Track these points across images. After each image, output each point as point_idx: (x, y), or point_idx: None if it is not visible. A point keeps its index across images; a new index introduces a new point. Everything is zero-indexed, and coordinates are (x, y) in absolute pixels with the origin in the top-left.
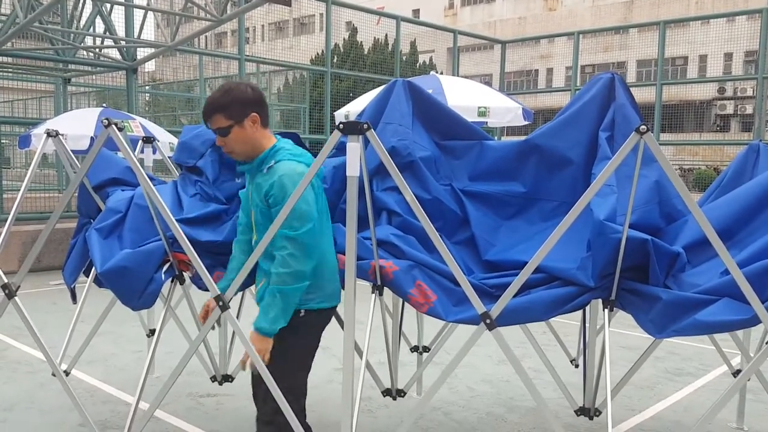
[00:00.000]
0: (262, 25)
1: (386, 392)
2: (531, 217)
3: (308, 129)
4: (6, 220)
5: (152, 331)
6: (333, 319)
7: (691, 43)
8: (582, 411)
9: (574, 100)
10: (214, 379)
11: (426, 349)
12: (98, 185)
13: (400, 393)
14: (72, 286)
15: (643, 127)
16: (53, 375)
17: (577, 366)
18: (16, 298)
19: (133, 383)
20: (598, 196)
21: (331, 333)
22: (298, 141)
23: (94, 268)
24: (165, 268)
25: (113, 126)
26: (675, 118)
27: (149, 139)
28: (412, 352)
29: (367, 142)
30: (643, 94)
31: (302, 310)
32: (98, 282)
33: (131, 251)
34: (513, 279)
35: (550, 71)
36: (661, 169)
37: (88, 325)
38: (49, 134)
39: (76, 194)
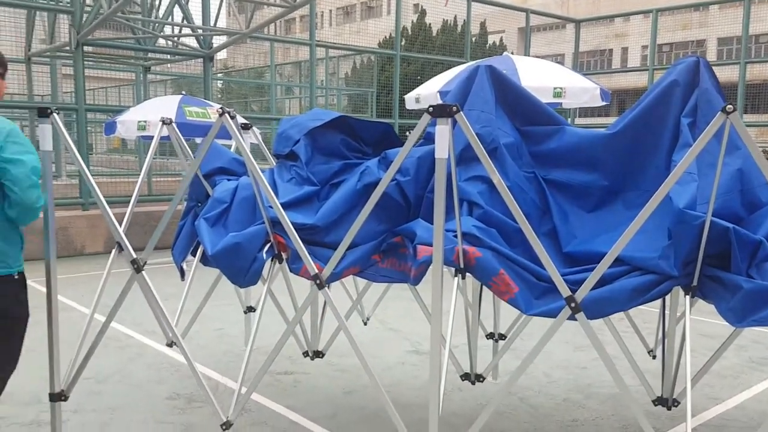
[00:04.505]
0: (330, 10)
1: (465, 376)
2: (614, 207)
3: (376, 113)
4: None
5: (249, 308)
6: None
7: None
8: (660, 401)
9: (655, 86)
10: (306, 354)
11: (502, 336)
12: (207, 173)
13: (479, 378)
14: (181, 264)
15: (729, 107)
16: (168, 345)
17: (654, 357)
18: (143, 272)
19: (214, 359)
20: (678, 183)
21: (401, 316)
22: (391, 132)
23: (201, 248)
24: (266, 248)
25: (227, 115)
26: (759, 98)
27: (247, 126)
28: (488, 339)
29: (454, 124)
30: (724, 74)
31: (16, 273)
32: (204, 261)
33: (238, 233)
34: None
35: (625, 51)
36: (744, 157)
37: (172, 304)
38: (163, 122)
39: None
